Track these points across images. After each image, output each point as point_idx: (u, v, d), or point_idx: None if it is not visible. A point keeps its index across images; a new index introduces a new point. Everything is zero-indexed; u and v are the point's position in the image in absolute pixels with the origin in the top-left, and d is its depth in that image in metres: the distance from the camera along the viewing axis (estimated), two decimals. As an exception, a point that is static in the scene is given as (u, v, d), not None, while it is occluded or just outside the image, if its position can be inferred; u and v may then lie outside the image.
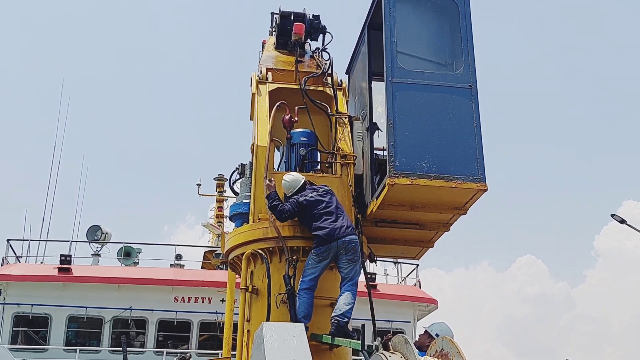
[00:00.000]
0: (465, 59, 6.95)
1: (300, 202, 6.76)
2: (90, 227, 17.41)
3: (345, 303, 6.42)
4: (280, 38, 8.71)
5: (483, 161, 6.60)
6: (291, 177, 6.98)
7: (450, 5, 7.20)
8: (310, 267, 6.58)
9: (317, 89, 8.12)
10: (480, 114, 6.75)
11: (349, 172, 7.43)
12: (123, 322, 15.62)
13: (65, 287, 15.37)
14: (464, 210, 6.98)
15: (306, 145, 7.52)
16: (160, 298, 15.52)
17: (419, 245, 7.85)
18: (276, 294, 6.64)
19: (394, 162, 6.46)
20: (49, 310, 15.19)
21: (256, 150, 7.36)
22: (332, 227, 6.58)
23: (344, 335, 6.28)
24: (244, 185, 7.83)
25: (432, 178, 6.47)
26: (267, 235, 6.88)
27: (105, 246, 17.41)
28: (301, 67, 8.29)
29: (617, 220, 18.32)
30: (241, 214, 7.58)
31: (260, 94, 8.02)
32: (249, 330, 6.82)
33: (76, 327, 15.60)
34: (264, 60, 8.60)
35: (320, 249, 6.57)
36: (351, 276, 6.56)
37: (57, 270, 15.46)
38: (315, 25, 8.59)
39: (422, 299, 17.06)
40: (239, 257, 7.22)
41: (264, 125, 7.55)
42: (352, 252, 6.57)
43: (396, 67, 6.81)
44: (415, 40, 7.20)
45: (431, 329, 7.02)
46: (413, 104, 6.71)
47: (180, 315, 15.50)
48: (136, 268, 17.03)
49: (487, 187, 6.57)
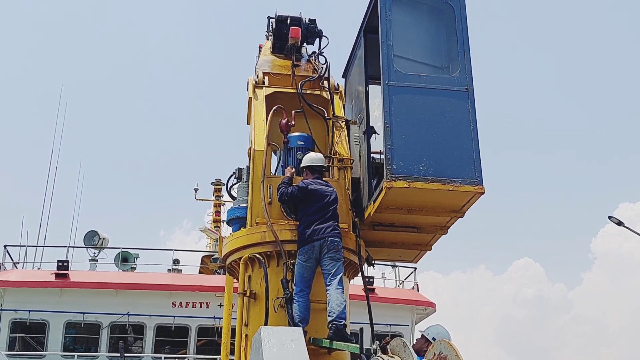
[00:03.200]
0: (462, 62, 6.96)
1: (308, 188, 6.81)
2: (88, 233, 17.40)
3: (338, 304, 6.37)
4: (276, 42, 8.72)
5: (480, 164, 6.60)
6: (315, 153, 7.27)
7: (446, 8, 7.21)
8: (298, 267, 6.62)
9: (313, 92, 8.12)
10: (477, 116, 6.76)
11: (346, 175, 7.43)
12: (121, 327, 15.58)
13: (63, 293, 15.34)
14: (462, 213, 6.98)
15: (303, 149, 7.51)
16: (157, 303, 15.49)
17: (417, 248, 7.85)
18: (274, 298, 6.63)
19: (391, 166, 6.46)
20: (47, 316, 15.16)
21: (253, 155, 7.36)
22: (316, 228, 6.62)
23: (342, 339, 6.27)
24: (241, 190, 7.82)
25: (429, 181, 6.47)
26: (264, 239, 6.87)
27: (102, 251, 17.40)
28: (298, 71, 8.30)
29: (614, 222, 18.32)
30: (238, 219, 7.57)
31: (256, 98, 8.02)
32: (247, 335, 6.81)
33: (74, 333, 15.56)
34: (260, 65, 8.60)
35: (304, 248, 6.62)
36: (333, 272, 6.52)
37: (54, 276, 15.44)
38: (311, 29, 8.59)
39: (420, 303, 17.07)
40: (236, 262, 7.20)
41: (260, 130, 7.54)
42: (334, 250, 6.59)
43: (392, 71, 6.81)
44: (411, 44, 7.21)
45: (427, 332, 6.99)
46: (410, 107, 6.71)
47: (178, 320, 15.48)
48: (133, 273, 17.01)
49: (484, 190, 6.56)
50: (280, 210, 7.05)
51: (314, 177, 7.01)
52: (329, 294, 6.47)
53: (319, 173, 7.11)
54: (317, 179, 7.02)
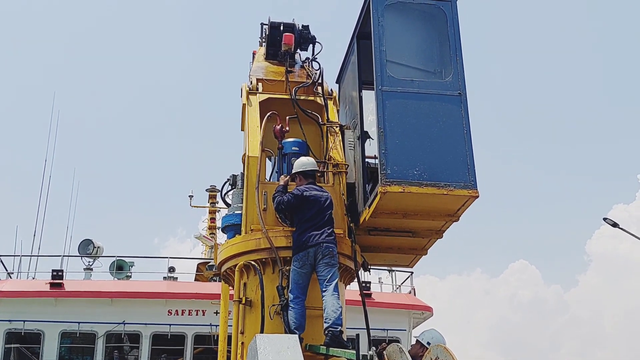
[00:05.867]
0: (454, 67, 6.99)
1: (303, 195, 6.78)
2: (82, 242, 17.29)
3: (334, 310, 6.34)
4: (270, 48, 8.74)
5: (474, 168, 6.62)
6: (306, 158, 7.23)
7: (438, 13, 7.24)
8: (293, 274, 6.59)
9: (307, 98, 8.13)
10: (470, 120, 6.78)
11: (341, 180, 7.43)
12: (116, 336, 15.49)
13: (58, 303, 15.23)
14: (456, 217, 6.99)
15: (298, 155, 7.51)
16: (153, 311, 15.39)
17: (412, 253, 7.85)
18: (270, 306, 6.60)
19: (386, 170, 6.47)
20: (42, 326, 15.05)
21: (247, 161, 7.35)
22: (311, 234, 6.59)
23: (338, 345, 6.24)
24: (235, 197, 7.81)
25: (423, 185, 6.48)
26: (259, 246, 6.85)
27: (97, 260, 17.30)
28: (291, 77, 8.32)
29: (609, 223, 18.34)
30: (233, 225, 7.56)
31: (250, 105, 8.03)
32: (243, 343, 6.77)
33: (69, 343, 15.45)
34: (254, 71, 8.62)
35: (299, 254, 6.59)
36: (329, 278, 6.50)
37: (49, 285, 15.33)
38: (304, 35, 8.62)
39: (417, 307, 17.03)
40: (231, 269, 7.18)
41: (255, 136, 7.54)
42: (329, 256, 6.56)
43: (386, 76, 6.83)
44: (404, 49, 7.23)
45: (422, 337, 6.99)
46: (403, 112, 6.73)
47: (174, 328, 15.38)
48: (129, 282, 16.91)
49: (479, 194, 6.58)
50: (275, 217, 7.04)
51: (307, 182, 6.99)
52: (324, 300, 6.45)
53: (312, 178, 7.09)
54: (310, 183, 7.00)
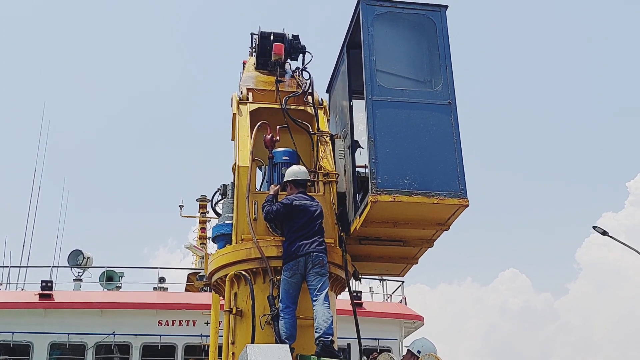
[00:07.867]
0: (444, 76, 7.02)
1: (293, 204, 6.76)
2: (72, 252, 17.16)
3: (324, 319, 6.33)
4: (260, 58, 8.74)
5: (464, 177, 6.64)
6: (297, 167, 7.20)
7: (427, 23, 7.28)
8: (284, 284, 6.57)
9: (298, 108, 8.14)
10: (460, 129, 6.81)
11: (332, 190, 7.43)
12: (106, 347, 15.36)
13: (47, 314, 15.12)
14: (447, 226, 7.00)
15: (288, 165, 7.51)
16: (143, 322, 15.30)
17: (403, 262, 7.85)
18: (260, 315, 6.57)
19: (376, 179, 6.48)
20: (31, 338, 14.92)
21: (238, 171, 7.34)
22: (301, 244, 6.57)
23: (329, 355, 6.21)
24: (226, 206, 7.78)
25: (414, 194, 6.49)
26: (250, 256, 6.82)
27: (87, 271, 17.17)
28: (281, 86, 8.32)
29: (598, 232, 18.44)
30: (224, 235, 7.52)
31: (241, 114, 8.02)
32: (233, 353, 6.74)
33: (59, 354, 15.31)
34: (244, 81, 8.61)
35: (289, 264, 6.57)
36: (319, 287, 6.48)
37: (38, 296, 15.22)
38: (294, 45, 8.63)
39: (408, 316, 17.02)
40: (222, 279, 7.15)
41: (245, 146, 7.53)
42: (319, 265, 6.55)
43: (376, 85, 6.85)
44: (394, 59, 7.26)
45: (412, 346, 6.98)
46: (393, 121, 6.75)
47: (165, 339, 15.28)
48: (119, 292, 16.79)
49: (469, 203, 6.60)
50: (266, 226, 7.02)
51: (298, 192, 6.98)
52: (315, 309, 6.43)
53: (302, 187, 7.08)
54: (301, 193, 6.98)
